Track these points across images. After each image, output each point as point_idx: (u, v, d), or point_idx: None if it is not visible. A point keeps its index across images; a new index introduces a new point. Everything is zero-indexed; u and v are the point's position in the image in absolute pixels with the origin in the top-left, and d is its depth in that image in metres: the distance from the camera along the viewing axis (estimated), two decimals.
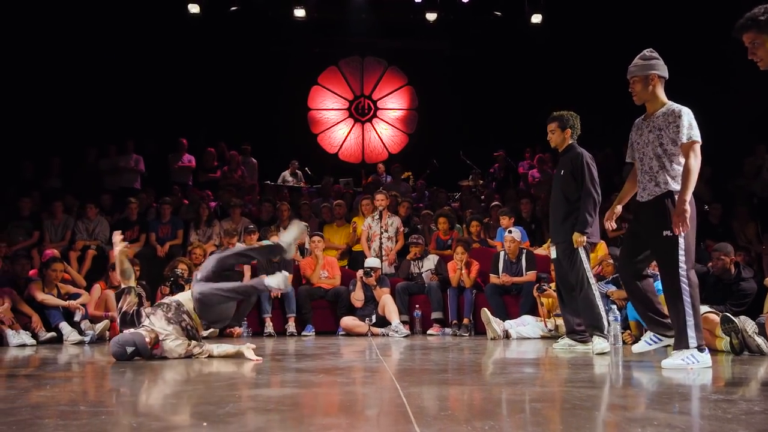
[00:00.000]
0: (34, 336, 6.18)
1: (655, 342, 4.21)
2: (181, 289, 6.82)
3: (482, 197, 11.00)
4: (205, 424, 2.19)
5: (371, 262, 7.72)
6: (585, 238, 4.93)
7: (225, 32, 13.39)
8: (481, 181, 12.31)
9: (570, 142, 5.20)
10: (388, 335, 7.12)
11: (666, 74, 4.03)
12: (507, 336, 6.56)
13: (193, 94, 13.06)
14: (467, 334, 7.14)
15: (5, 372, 4.17)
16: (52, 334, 6.31)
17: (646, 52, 4.07)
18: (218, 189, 11.00)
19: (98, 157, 11.01)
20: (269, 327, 7.45)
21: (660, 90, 4.01)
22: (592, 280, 4.97)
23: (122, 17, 12.19)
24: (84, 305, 6.62)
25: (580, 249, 4.95)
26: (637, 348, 4.31)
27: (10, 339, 5.95)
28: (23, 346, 5.93)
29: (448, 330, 7.36)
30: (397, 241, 8.56)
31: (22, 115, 11.33)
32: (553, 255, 5.18)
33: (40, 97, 11.59)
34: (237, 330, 7.21)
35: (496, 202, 9.69)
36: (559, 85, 12.17)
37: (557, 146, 5.26)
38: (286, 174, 12.71)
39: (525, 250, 7.53)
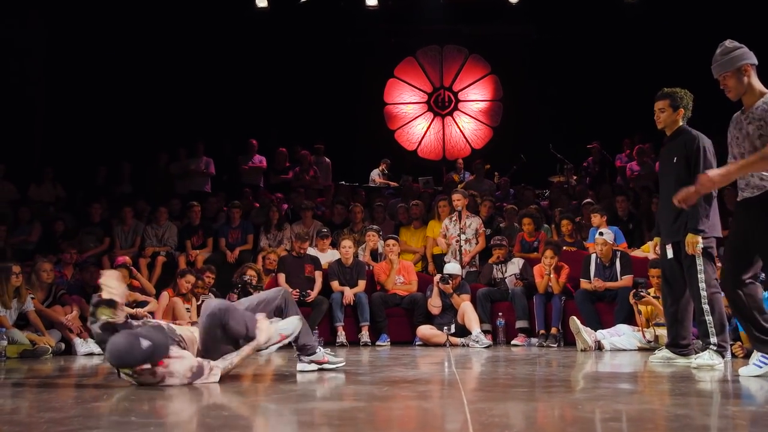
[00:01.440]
0: None
1: (765, 364, 3.95)
2: (249, 295, 7.01)
3: (574, 194, 10.72)
4: None
5: (450, 267, 7.67)
6: (700, 239, 4.60)
7: (294, 26, 13.67)
8: (575, 177, 12.02)
9: (681, 124, 4.89)
10: (468, 346, 7.06)
11: (756, 61, 3.87)
12: (599, 347, 6.36)
13: (263, 93, 13.42)
14: (555, 345, 6.98)
15: (71, 381, 4.41)
16: None
17: (727, 43, 3.91)
18: (290, 191, 11.23)
19: (169, 161, 11.47)
20: (341, 336, 7.53)
21: (755, 79, 3.86)
22: (707, 287, 4.62)
23: (189, 17, 12.67)
24: (151, 313, 6.91)
25: (696, 250, 4.62)
26: (745, 372, 4.03)
27: (78, 347, 6.30)
28: (91, 354, 6.26)
29: (534, 340, 7.22)
30: (477, 243, 8.47)
31: (97, 121, 12.00)
32: (669, 255, 4.87)
33: (114, 102, 12.24)
34: None
35: (589, 200, 9.41)
36: (659, 69, 11.70)
37: (666, 128, 4.95)
38: (376, 173, 12.83)
39: (620, 253, 7.29)
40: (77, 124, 11.79)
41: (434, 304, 7.56)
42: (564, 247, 7.99)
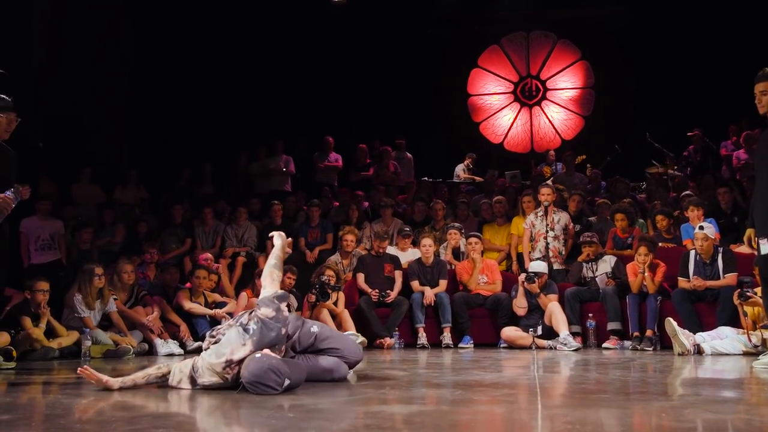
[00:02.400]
0: (182, 345, 6.79)
1: None
2: (327, 297, 7.15)
3: (673, 186, 10.34)
4: None
5: (536, 266, 7.56)
6: None
7: (372, 19, 13.77)
8: (675, 167, 11.59)
9: None
10: (555, 348, 6.94)
11: None
12: (699, 351, 6.11)
13: (342, 88, 13.59)
14: (651, 349, 6.75)
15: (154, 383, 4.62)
16: (199, 343, 6.84)
17: None
18: (371, 188, 11.33)
19: (249, 160, 11.80)
20: (423, 338, 7.55)
21: None
22: None
23: (266, 15, 12.99)
24: (230, 314, 7.13)
25: None
26: None
27: (159, 348, 6.59)
28: (171, 355, 6.54)
29: (627, 343, 7.01)
30: (566, 241, 8.31)
31: (179, 123, 12.48)
32: (764, 251, 4.67)
33: (196, 102, 12.69)
34: (388, 341, 7.39)
35: (688, 192, 9.05)
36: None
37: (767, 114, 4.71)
38: (461, 168, 12.81)
39: (722, 249, 6.97)
40: (161, 126, 12.29)
41: (519, 305, 7.47)
42: (660, 244, 7.72)
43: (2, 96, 4.83)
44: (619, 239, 8.23)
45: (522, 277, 7.52)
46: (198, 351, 6.73)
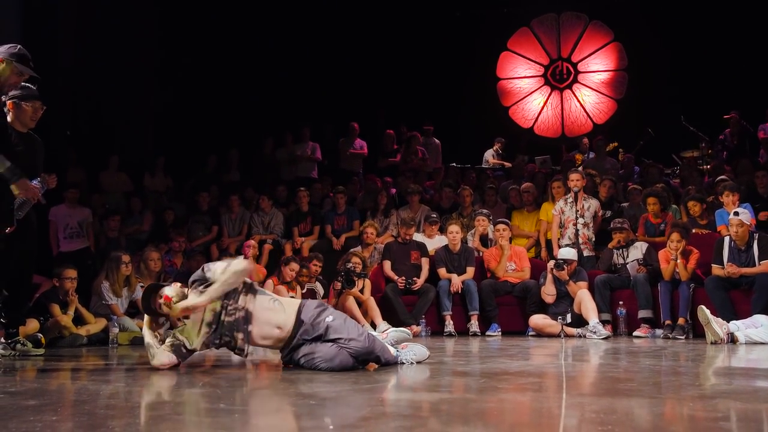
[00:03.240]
0: None
1: None
2: (353, 284, 7.19)
3: (707, 170, 10.18)
4: (331, 426, 2.32)
5: (565, 252, 7.51)
6: None
7: (399, 2, 13.72)
8: (710, 151, 11.41)
9: None
10: (584, 337, 6.91)
11: None
12: (733, 340, 6.02)
13: (369, 73, 13.58)
14: (683, 337, 6.69)
15: (174, 368, 4.69)
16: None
17: None
18: (398, 174, 11.33)
19: (275, 147, 11.86)
20: (449, 326, 7.56)
21: None
22: None
23: (292, 1, 13.02)
24: None
25: None
26: None
27: None
28: None
29: (659, 331, 6.95)
30: (595, 228, 8.25)
31: (206, 109, 12.59)
32: None
33: (222, 88, 12.78)
34: (414, 329, 7.41)
35: (723, 176, 8.90)
36: None
37: None
38: (490, 153, 12.75)
39: (758, 235, 6.86)
40: (187, 114, 12.41)
41: (548, 293, 7.44)
42: (694, 230, 7.62)
43: (27, 85, 4.92)
44: (651, 225, 8.13)
45: (551, 264, 7.48)
46: None
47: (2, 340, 5.19)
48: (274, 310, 4.07)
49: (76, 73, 10.12)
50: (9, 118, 4.84)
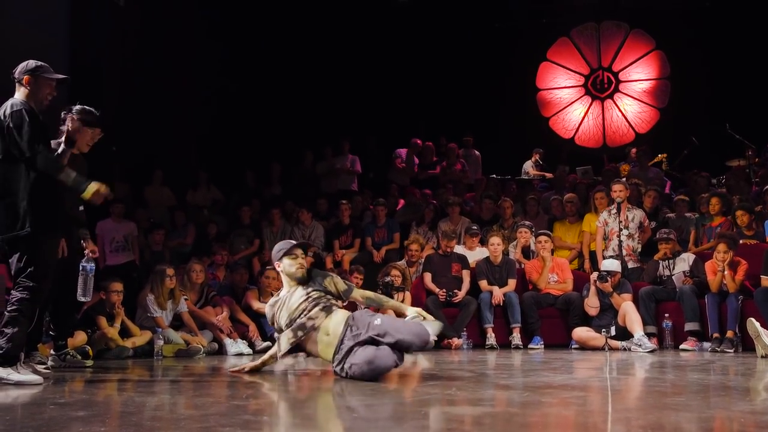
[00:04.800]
0: (251, 345, 6.94)
1: None
2: (391, 297, 7.17)
3: (755, 179, 9.95)
4: None
5: (608, 264, 7.41)
6: None
7: (439, 15, 13.75)
8: (757, 159, 11.16)
9: None
10: (629, 350, 6.79)
11: None
12: None
13: (409, 86, 13.62)
14: (731, 350, 6.53)
15: (217, 380, 4.75)
16: (268, 343, 7.00)
17: None
18: (438, 186, 11.32)
19: (315, 160, 11.96)
20: (491, 338, 7.50)
21: None
22: None
23: (332, 13, 13.13)
24: None
25: None
26: None
27: (228, 347, 6.75)
28: (240, 354, 6.69)
29: (706, 345, 6.79)
30: (641, 239, 8.13)
31: (247, 123, 12.75)
32: None
33: (261, 104, 12.94)
34: (456, 341, 7.38)
35: None
36: None
37: None
38: (529, 164, 12.69)
39: None
40: (230, 129, 12.58)
41: (591, 305, 7.34)
42: (741, 241, 7.46)
43: (91, 109, 4.99)
44: (711, 229, 8.05)
45: (594, 275, 7.38)
46: (266, 350, 6.90)
47: (52, 352, 5.31)
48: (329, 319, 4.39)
49: (122, 89, 10.34)
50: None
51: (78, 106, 4.89)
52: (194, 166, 11.94)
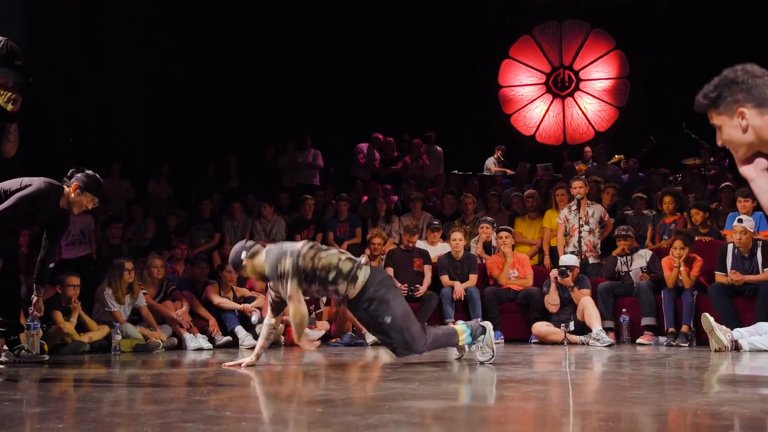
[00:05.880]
0: (211, 340, 6.88)
1: None
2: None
3: (709, 177, 10.17)
4: None
5: (566, 259, 7.50)
6: None
7: (404, 11, 13.75)
8: (712, 159, 11.40)
9: None
10: (588, 344, 6.89)
11: None
12: (736, 348, 6.02)
13: (372, 82, 13.60)
14: (686, 345, 6.67)
15: (177, 375, 4.70)
16: (228, 338, 6.97)
17: None
18: (400, 182, 11.34)
19: (276, 154, 11.89)
20: None
21: None
22: None
23: (296, 8, 13.05)
24: (259, 308, 7.20)
25: None
26: None
27: (188, 342, 6.67)
28: (200, 349, 6.62)
29: (662, 339, 6.94)
30: (601, 235, 8.25)
31: (208, 116, 12.60)
32: None
33: (223, 97, 12.79)
34: None
35: (728, 183, 8.90)
36: None
37: None
38: (491, 161, 12.77)
39: (761, 242, 6.86)
40: (191, 121, 12.42)
41: (552, 302, 7.41)
42: (696, 238, 7.62)
43: (96, 177, 4.97)
44: (665, 226, 8.18)
45: (554, 273, 7.45)
46: (227, 345, 6.86)
47: (5, 347, 5.18)
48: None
49: (80, 81, 10.14)
50: (65, 199, 4.83)
51: (86, 174, 4.90)
52: (155, 159, 11.77)
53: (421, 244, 8.43)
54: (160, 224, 9.66)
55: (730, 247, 6.95)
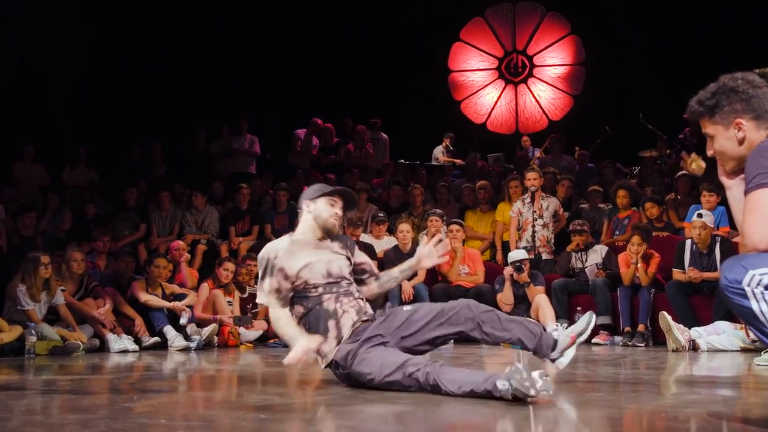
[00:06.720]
0: (137, 341, 6.74)
1: None
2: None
3: (665, 169, 10.45)
4: None
5: (517, 254, 7.58)
6: None
7: None
8: (668, 151, 11.71)
9: None
10: None
11: None
12: (694, 347, 6.21)
13: (314, 65, 13.51)
14: (643, 344, 6.85)
15: (102, 380, 4.59)
16: (156, 339, 6.84)
17: None
18: (343, 171, 11.30)
19: (209, 139, 11.71)
20: None
21: None
22: None
23: None
24: (190, 307, 7.09)
25: None
26: None
27: (112, 344, 6.52)
28: (125, 351, 6.48)
29: (618, 339, 7.11)
30: (555, 229, 8.39)
31: (132, 96, 12.32)
32: None
33: (146, 75, 12.52)
34: None
35: (684, 172, 9.13)
36: None
37: None
38: (439, 150, 12.84)
39: (720, 239, 7.08)
40: (113, 100, 12.14)
41: (506, 301, 7.49)
42: (654, 233, 7.82)
43: None
44: (620, 221, 8.35)
45: (508, 269, 7.52)
46: (155, 347, 6.73)
47: None
48: None
49: None
50: None
51: None
52: (72, 142, 11.46)
53: (365, 238, 8.44)
54: (78, 214, 9.44)
55: (688, 243, 7.14)
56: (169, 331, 6.87)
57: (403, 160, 12.23)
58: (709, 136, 2.58)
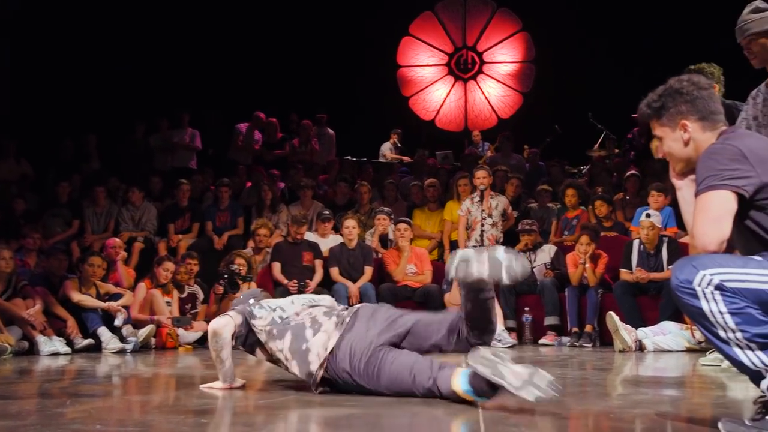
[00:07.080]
0: (69, 343, 6.57)
1: None
2: (237, 288, 7.08)
3: (615, 170, 10.67)
4: None
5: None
6: None
7: None
8: (616, 150, 11.95)
9: None
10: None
11: None
12: (641, 348, 6.36)
13: (257, 58, 13.41)
14: (590, 345, 6.99)
15: (32, 384, 4.49)
16: (90, 341, 6.68)
17: (759, 3, 3.91)
18: (288, 168, 11.24)
19: (147, 132, 11.53)
20: None
21: None
22: None
23: None
24: (126, 307, 6.97)
25: None
26: None
27: (42, 346, 6.35)
28: (56, 354, 6.32)
29: (565, 339, 7.24)
30: (503, 228, 8.49)
31: (65, 87, 12.06)
32: None
33: (83, 66, 12.28)
34: None
35: (633, 171, 9.35)
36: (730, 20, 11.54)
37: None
38: (386, 146, 12.86)
39: (667, 239, 7.26)
40: (45, 90, 11.87)
41: (454, 301, 7.52)
42: (602, 233, 7.98)
43: None
44: (568, 221, 8.49)
45: None
46: (88, 349, 6.60)
47: None
48: None
49: None
50: None
51: None
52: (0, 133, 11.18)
53: (310, 237, 8.41)
54: (5, 209, 9.19)
55: (635, 243, 7.30)
56: (103, 332, 6.72)
57: (349, 157, 12.23)
58: (658, 137, 2.66)
